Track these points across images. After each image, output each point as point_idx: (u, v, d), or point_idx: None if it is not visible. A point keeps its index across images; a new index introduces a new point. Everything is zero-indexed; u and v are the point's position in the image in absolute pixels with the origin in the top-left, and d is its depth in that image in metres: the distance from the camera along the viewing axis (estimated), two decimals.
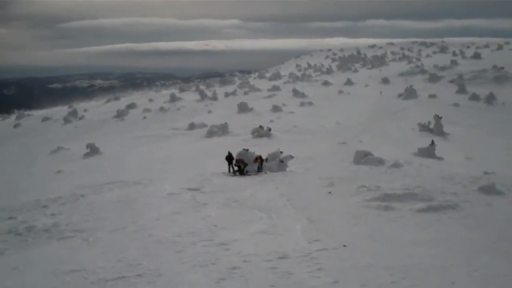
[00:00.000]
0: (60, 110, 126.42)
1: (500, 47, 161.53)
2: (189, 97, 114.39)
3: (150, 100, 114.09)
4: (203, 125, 68.02)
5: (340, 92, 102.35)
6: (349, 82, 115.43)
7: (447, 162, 40.73)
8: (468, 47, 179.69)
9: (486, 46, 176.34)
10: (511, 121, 70.05)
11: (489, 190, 27.00)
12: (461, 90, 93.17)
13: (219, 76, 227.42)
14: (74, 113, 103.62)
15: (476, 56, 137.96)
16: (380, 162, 36.84)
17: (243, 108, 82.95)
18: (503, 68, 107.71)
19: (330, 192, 26.65)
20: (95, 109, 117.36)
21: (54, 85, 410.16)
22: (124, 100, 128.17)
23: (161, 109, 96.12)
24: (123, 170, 38.38)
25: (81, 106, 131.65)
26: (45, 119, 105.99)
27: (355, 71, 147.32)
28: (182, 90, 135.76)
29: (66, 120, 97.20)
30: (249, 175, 33.68)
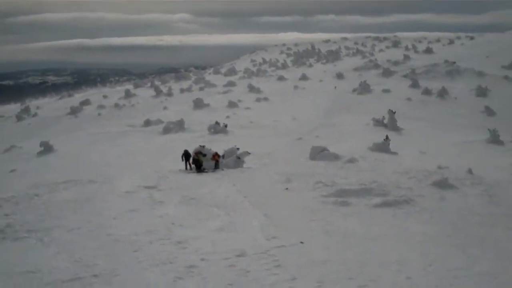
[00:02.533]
0: (12, 108, 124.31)
1: (451, 42, 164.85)
2: (144, 93, 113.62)
3: (105, 97, 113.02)
4: (159, 122, 67.58)
5: (296, 87, 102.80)
6: (304, 77, 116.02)
7: (402, 157, 41.32)
8: (420, 41, 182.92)
9: (438, 40, 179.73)
10: (463, 115, 71.59)
11: (442, 184, 27.60)
12: (414, 84, 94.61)
13: (174, 71, 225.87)
14: (26, 110, 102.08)
15: (428, 50, 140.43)
16: (336, 157, 37.20)
17: (199, 104, 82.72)
18: (454, 62, 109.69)
19: (287, 188, 26.82)
20: (48, 106, 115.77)
21: (5, 82, 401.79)
22: (77, 97, 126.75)
23: (116, 105, 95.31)
24: (78, 168, 37.83)
25: (34, 103, 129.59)
26: None
27: (310, 66, 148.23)
28: (137, 86, 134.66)
29: (19, 118, 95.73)
30: (206, 172, 33.60)
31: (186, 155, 34.89)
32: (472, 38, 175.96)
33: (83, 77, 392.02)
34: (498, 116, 71.94)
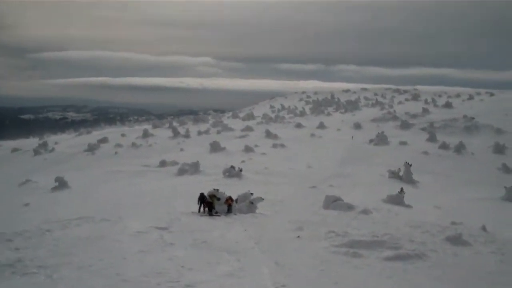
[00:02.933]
0: (31, 142, 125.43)
1: (471, 97, 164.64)
2: (162, 133, 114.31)
3: (123, 135, 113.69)
4: (174, 163, 67.85)
5: (312, 135, 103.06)
6: (321, 126, 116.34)
7: (416, 210, 41.07)
8: (440, 96, 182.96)
9: (457, 95, 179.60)
10: (480, 171, 71.00)
11: (455, 240, 27.29)
12: (432, 138, 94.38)
13: (193, 113, 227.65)
14: (44, 145, 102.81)
15: (448, 105, 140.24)
16: (349, 207, 37.04)
17: (215, 147, 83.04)
18: (473, 118, 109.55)
19: (298, 236, 26.69)
20: (66, 141, 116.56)
21: (26, 116, 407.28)
22: (96, 134, 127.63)
23: (133, 144, 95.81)
24: (91, 205, 38.01)
25: (52, 138, 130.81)
26: (14, 150, 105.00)
27: (328, 114, 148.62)
28: (155, 126, 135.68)
29: (36, 152, 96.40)
30: (218, 215, 33.55)
31: (202, 199, 34.82)
32: (492, 94, 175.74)
33: (103, 115, 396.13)
34: None
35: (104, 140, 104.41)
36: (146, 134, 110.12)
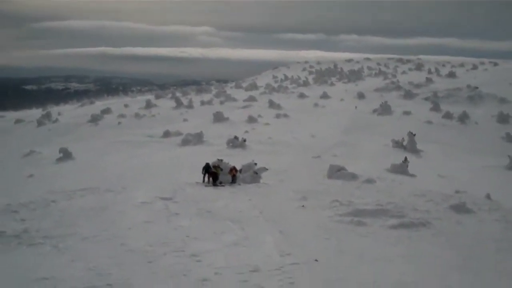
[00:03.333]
0: (34, 113, 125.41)
1: (474, 67, 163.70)
2: (165, 104, 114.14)
3: (126, 106, 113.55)
4: (178, 133, 67.91)
5: (316, 105, 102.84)
6: (325, 96, 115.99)
7: (420, 179, 41.10)
8: (443, 65, 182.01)
9: (461, 65, 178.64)
10: (484, 140, 70.99)
11: (460, 208, 27.33)
12: (435, 108, 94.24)
13: (196, 84, 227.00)
14: (48, 116, 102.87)
15: (451, 75, 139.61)
16: (353, 177, 37.07)
17: (218, 117, 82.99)
18: (477, 88, 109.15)
19: (303, 206, 26.73)
20: (69, 112, 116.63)
21: (28, 87, 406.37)
22: (99, 105, 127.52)
23: (136, 115, 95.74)
24: (95, 176, 38.11)
25: (55, 109, 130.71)
26: (18, 121, 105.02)
27: (331, 84, 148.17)
28: (158, 96, 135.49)
29: (40, 123, 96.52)
30: (222, 186, 33.61)
31: (206, 168, 34.79)
32: (496, 64, 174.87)
33: (106, 85, 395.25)
34: None
35: (107, 110, 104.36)
36: (149, 105, 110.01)
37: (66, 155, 52.41)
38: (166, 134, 68.65)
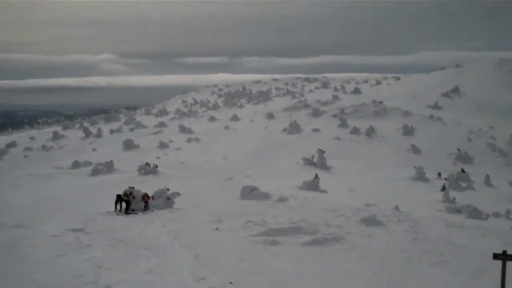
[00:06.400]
0: None
1: (378, 83, 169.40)
2: (73, 134, 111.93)
3: (32, 138, 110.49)
4: (87, 163, 66.57)
5: (227, 127, 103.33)
6: (235, 118, 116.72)
7: (331, 195, 41.94)
8: (348, 82, 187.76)
9: (365, 81, 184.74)
10: (390, 153, 73.28)
11: (370, 221, 28.07)
12: (343, 124, 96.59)
13: (104, 112, 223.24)
14: None
15: (357, 91, 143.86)
16: (266, 196, 37.44)
17: (129, 145, 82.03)
18: (381, 102, 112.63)
19: (217, 228, 26.73)
20: None
21: None
22: (3, 139, 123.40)
23: (44, 147, 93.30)
24: (3, 212, 36.76)
25: None
26: None
27: (241, 106, 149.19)
28: (65, 127, 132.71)
29: None
30: (135, 213, 33.14)
31: (118, 200, 34.10)
32: (398, 78, 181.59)
33: (10, 119, 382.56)
34: (424, 154, 74.12)
35: (12, 144, 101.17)
36: (56, 136, 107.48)
37: None
38: (75, 165, 67.14)
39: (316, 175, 46.44)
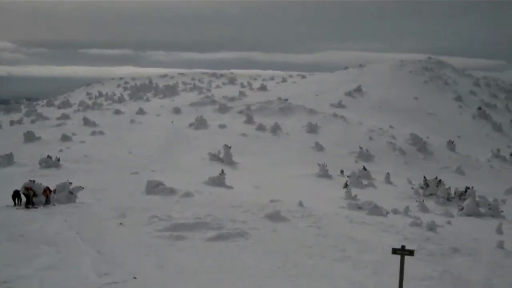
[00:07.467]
0: None
1: (284, 80, 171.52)
2: None
3: None
4: None
5: (132, 121, 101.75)
6: (141, 112, 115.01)
7: (236, 191, 42.12)
8: (255, 79, 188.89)
9: (272, 78, 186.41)
10: (295, 150, 74.36)
11: (275, 217, 28.49)
12: (249, 120, 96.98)
13: (4, 103, 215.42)
14: None
15: (263, 88, 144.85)
16: (172, 191, 37.17)
17: (30, 137, 79.23)
18: (287, 100, 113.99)
19: (121, 223, 26.37)
20: None
21: None
22: None
23: None
24: None
25: None
26: None
27: (147, 100, 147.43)
28: None
29: None
30: (35, 208, 32.14)
31: (16, 196, 32.93)
32: (303, 77, 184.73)
33: None
34: (327, 151, 75.55)
35: None
36: None
37: None
38: None
39: (222, 171, 46.57)
